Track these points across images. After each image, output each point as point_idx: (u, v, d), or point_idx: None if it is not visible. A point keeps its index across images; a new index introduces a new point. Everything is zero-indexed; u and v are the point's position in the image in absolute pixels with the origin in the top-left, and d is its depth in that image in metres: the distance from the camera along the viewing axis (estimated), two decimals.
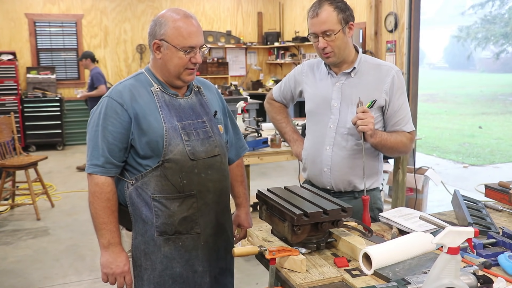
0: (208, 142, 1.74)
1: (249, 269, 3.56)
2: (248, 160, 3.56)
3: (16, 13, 8.27)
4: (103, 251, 1.69)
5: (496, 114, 14.41)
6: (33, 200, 4.78)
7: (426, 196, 4.80)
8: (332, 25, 1.88)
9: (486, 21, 24.41)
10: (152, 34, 1.69)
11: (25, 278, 3.53)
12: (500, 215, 1.94)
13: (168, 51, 1.66)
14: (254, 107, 6.96)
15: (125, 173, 1.71)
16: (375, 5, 6.44)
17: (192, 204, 1.70)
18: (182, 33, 1.64)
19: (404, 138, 1.98)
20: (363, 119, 1.81)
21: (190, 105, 1.76)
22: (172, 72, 1.69)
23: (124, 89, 1.68)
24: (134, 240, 1.71)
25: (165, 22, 1.65)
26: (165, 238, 1.69)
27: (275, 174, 6.59)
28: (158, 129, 1.65)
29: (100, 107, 1.68)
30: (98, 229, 1.68)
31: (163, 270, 1.70)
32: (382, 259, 1.40)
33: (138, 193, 1.68)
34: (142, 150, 1.66)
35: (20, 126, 7.82)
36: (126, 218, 1.72)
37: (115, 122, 1.64)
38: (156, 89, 1.70)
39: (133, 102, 1.66)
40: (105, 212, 1.66)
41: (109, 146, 1.64)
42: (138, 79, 1.73)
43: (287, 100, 2.33)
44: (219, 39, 9.59)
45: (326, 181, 2.05)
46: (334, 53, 1.93)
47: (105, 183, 1.66)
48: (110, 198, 1.67)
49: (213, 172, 1.75)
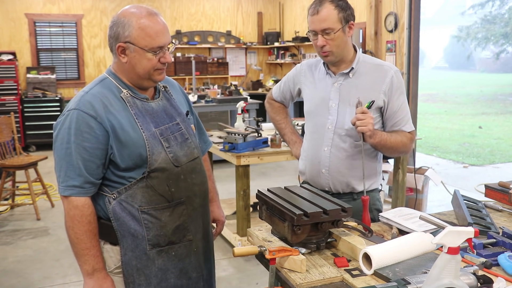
0: (186, 145, 1.66)
1: (249, 269, 3.56)
2: (248, 160, 3.56)
3: (16, 13, 8.27)
4: (87, 278, 1.55)
5: (496, 114, 14.41)
6: (33, 200, 4.78)
7: (426, 196, 4.79)
8: (332, 24, 1.87)
9: (486, 21, 24.40)
10: (114, 36, 1.53)
11: (25, 278, 3.53)
12: (500, 215, 1.94)
13: (135, 54, 1.52)
14: (254, 107, 6.96)
15: (103, 187, 1.58)
16: (375, 5, 6.44)
17: (183, 211, 1.64)
18: (149, 33, 1.50)
19: (404, 138, 1.98)
20: (362, 119, 1.80)
21: (162, 108, 1.65)
22: (142, 75, 1.56)
23: (94, 99, 1.52)
24: (123, 256, 1.58)
25: (128, 23, 1.50)
26: (158, 250, 1.60)
27: (275, 174, 6.59)
28: (138, 140, 1.53)
29: (69, 122, 1.51)
30: (80, 255, 1.53)
31: (158, 284, 1.62)
32: (382, 259, 1.40)
33: (123, 207, 1.55)
34: (123, 163, 1.54)
35: (20, 126, 7.82)
36: (109, 233, 1.58)
37: (89, 138, 1.50)
38: (126, 95, 1.57)
39: (107, 113, 1.52)
40: (88, 236, 1.52)
41: (85, 163, 1.50)
42: (105, 86, 1.58)
43: (287, 100, 2.33)
44: (219, 39, 9.59)
45: (324, 182, 2.04)
46: (332, 52, 1.92)
47: (85, 204, 1.52)
48: (91, 220, 1.54)
49: (196, 175, 1.69)
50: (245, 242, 3.51)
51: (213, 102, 6.73)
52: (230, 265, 3.63)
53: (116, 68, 1.61)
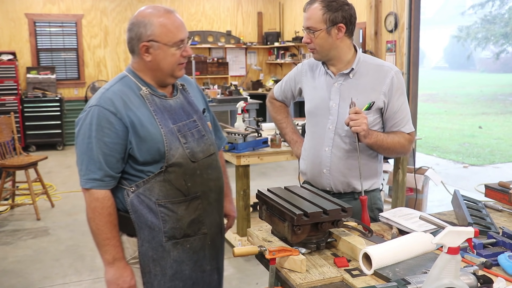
0: (203, 142, 1.72)
1: (249, 269, 3.56)
2: (248, 160, 3.56)
3: (16, 13, 8.27)
4: (108, 267, 1.64)
5: (496, 114, 14.42)
6: (33, 200, 4.78)
7: (426, 196, 4.79)
8: (315, 23, 1.90)
9: (486, 21, 24.40)
10: (136, 37, 1.59)
11: (25, 278, 3.53)
12: (500, 215, 1.94)
13: (159, 51, 1.59)
14: (254, 107, 6.96)
15: (122, 181, 1.65)
16: (375, 5, 6.44)
17: (198, 205, 1.70)
18: (170, 28, 1.58)
19: (402, 139, 1.97)
20: (356, 119, 1.81)
21: (180, 105, 1.72)
22: (166, 70, 1.63)
23: (114, 96, 1.59)
24: (140, 247, 1.65)
25: (149, 22, 1.57)
26: (173, 242, 1.66)
27: (275, 174, 6.60)
28: (157, 135, 1.60)
29: (90, 118, 1.58)
30: (101, 245, 1.62)
31: (174, 275, 1.69)
32: (382, 259, 1.40)
33: (141, 200, 1.62)
34: (142, 158, 1.60)
35: (20, 126, 7.82)
36: (126, 224, 1.66)
37: (109, 133, 1.56)
38: (145, 92, 1.63)
39: (127, 109, 1.58)
40: (108, 227, 1.60)
41: (106, 158, 1.57)
42: (125, 84, 1.64)
43: (288, 99, 2.33)
44: (219, 39, 9.59)
45: (325, 182, 2.04)
46: (316, 50, 1.96)
47: (105, 197, 1.60)
48: (112, 212, 1.61)
49: (212, 171, 1.75)
50: (245, 242, 3.51)
51: (213, 102, 6.73)
52: (230, 265, 3.62)
53: (137, 67, 1.67)
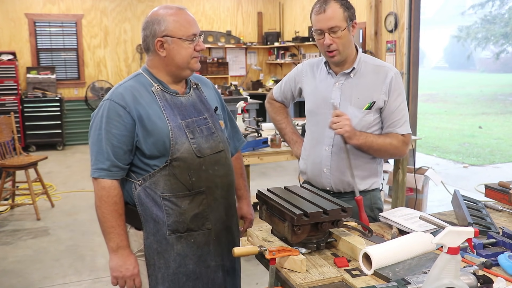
0: (212, 138, 1.76)
1: (249, 269, 3.56)
2: (248, 160, 3.56)
3: (16, 13, 8.27)
4: (112, 254, 1.69)
5: (496, 114, 14.41)
6: (33, 200, 4.78)
7: (426, 196, 4.79)
8: (339, 22, 1.89)
9: (486, 21, 24.39)
10: (151, 34, 1.68)
11: (25, 278, 3.53)
12: (500, 215, 1.94)
13: (174, 45, 1.67)
14: (254, 107, 6.96)
15: (131, 174, 1.71)
16: (375, 5, 6.44)
17: (202, 200, 1.72)
18: (183, 23, 1.67)
19: (395, 141, 1.96)
20: (338, 122, 1.84)
21: (191, 103, 1.77)
22: (181, 64, 1.70)
23: (125, 91, 1.68)
24: (145, 240, 1.71)
25: (163, 19, 1.67)
26: (177, 236, 1.70)
27: (275, 174, 6.59)
28: (163, 129, 1.65)
29: (102, 111, 1.67)
30: (106, 233, 1.68)
31: (177, 268, 1.72)
32: (382, 259, 1.40)
33: (147, 193, 1.68)
34: (148, 151, 1.66)
35: (20, 126, 7.82)
36: (134, 218, 1.71)
37: (118, 125, 1.64)
38: (156, 88, 1.70)
39: (136, 103, 1.66)
40: (113, 215, 1.66)
41: (113, 149, 1.64)
42: (138, 81, 1.73)
43: (288, 100, 2.33)
44: (219, 39, 9.59)
45: (325, 181, 2.05)
46: (338, 51, 1.93)
47: (111, 186, 1.66)
48: (117, 201, 1.67)
49: (219, 167, 1.77)
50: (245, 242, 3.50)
51: None
52: None
53: (151, 65, 1.75)
